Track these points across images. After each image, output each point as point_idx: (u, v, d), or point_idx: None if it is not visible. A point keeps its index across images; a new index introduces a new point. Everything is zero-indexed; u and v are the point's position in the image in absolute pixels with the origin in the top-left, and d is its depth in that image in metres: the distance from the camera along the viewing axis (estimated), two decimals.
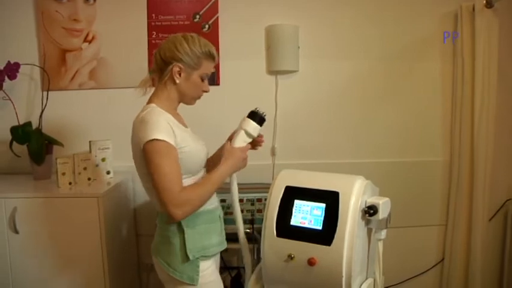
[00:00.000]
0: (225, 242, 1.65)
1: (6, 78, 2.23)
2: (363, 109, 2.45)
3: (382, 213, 1.48)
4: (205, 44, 1.51)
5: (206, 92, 1.58)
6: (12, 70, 2.23)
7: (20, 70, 2.24)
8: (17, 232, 1.93)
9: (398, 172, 2.44)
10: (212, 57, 1.53)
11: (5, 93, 2.25)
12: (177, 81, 1.49)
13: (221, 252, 1.67)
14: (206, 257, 1.53)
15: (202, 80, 1.54)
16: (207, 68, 1.53)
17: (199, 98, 1.60)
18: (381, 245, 1.70)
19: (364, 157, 2.44)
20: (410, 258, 2.52)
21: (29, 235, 1.93)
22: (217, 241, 1.59)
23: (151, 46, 2.38)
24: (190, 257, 1.48)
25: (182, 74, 1.50)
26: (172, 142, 1.40)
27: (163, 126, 1.41)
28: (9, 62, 2.23)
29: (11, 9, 2.35)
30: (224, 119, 2.38)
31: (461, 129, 2.38)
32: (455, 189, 2.42)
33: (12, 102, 2.23)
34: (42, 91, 2.25)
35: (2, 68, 2.23)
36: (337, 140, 2.46)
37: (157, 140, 1.37)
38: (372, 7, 2.40)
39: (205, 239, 1.54)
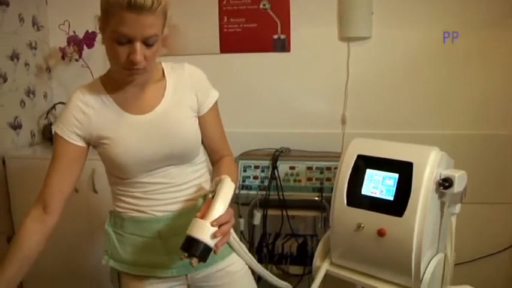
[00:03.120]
0: (173, 268, 1.23)
1: (84, 47, 2.33)
2: (439, 78, 2.33)
3: (457, 187, 1.42)
4: None
5: (134, 62, 1.04)
6: (90, 39, 2.32)
7: (97, 39, 2.33)
8: (95, 192, 2.05)
9: (475, 145, 2.31)
10: (123, 4, 0.97)
11: (84, 61, 2.37)
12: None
13: (288, 220, 1.63)
14: (128, 275, 1.25)
15: (119, 43, 1.03)
16: (119, 21, 0.99)
17: (129, 70, 1.08)
18: (454, 219, 1.64)
19: (439, 128, 2.33)
20: (484, 237, 2.41)
21: (106, 193, 2.05)
22: (148, 262, 1.23)
23: (222, 12, 2.37)
24: (103, 261, 1.28)
25: (102, 32, 1.09)
26: (67, 137, 1.16)
27: (66, 116, 1.16)
28: (87, 31, 2.33)
29: None
30: (294, 87, 2.38)
31: None
32: None
33: (90, 70, 2.33)
34: None
35: (81, 37, 2.33)
36: (410, 110, 2.36)
37: (55, 132, 1.18)
38: None
39: (126, 253, 1.24)
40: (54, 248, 2.13)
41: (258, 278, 1.42)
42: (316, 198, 1.97)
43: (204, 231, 1.02)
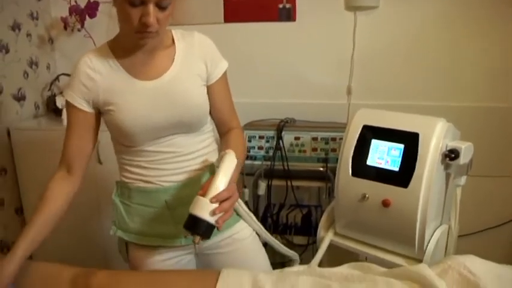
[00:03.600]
0: (181, 237, 1.24)
1: (86, 16, 2.29)
2: (447, 49, 2.28)
3: (463, 158, 1.41)
4: None
5: (146, 25, 1.03)
6: (92, 9, 2.28)
7: (99, 9, 2.29)
8: (100, 163, 2.06)
9: (481, 118, 2.29)
10: None
11: (86, 31, 2.33)
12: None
13: (293, 190, 1.64)
14: (136, 245, 1.27)
15: (132, 5, 1.02)
16: None
17: (140, 33, 1.06)
18: (459, 191, 1.64)
19: (445, 100, 2.30)
20: (487, 210, 2.41)
21: (111, 164, 2.06)
22: (156, 232, 1.23)
23: None
24: (111, 231, 1.30)
25: None
26: (77, 103, 1.16)
27: (74, 83, 1.16)
28: (89, 1, 2.28)
29: None
30: (299, 57, 2.35)
31: None
32: None
33: (93, 40, 2.30)
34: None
35: (82, 6, 2.29)
36: (416, 82, 2.33)
37: (66, 99, 1.19)
38: None
39: (134, 223, 1.26)
40: (62, 220, 2.18)
41: (264, 246, 1.43)
42: (321, 169, 1.97)
43: (204, 209, 1.01)
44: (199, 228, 1.01)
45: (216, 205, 1.01)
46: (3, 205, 2.14)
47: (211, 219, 1.01)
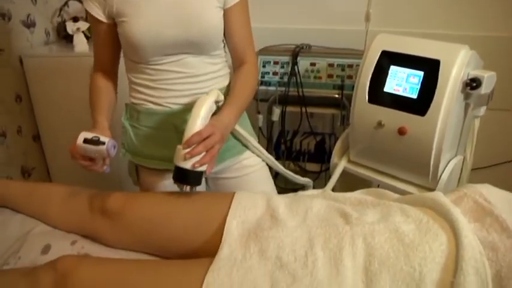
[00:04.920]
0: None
1: None
2: None
3: (485, 88, 1.37)
4: None
5: None
6: None
7: None
8: None
9: (505, 49, 2.20)
10: None
11: None
12: None
13: (307, 117, 1.62)
14: (146, 168, 1.28)
15: None
16: None
17: None
18: (477, 122, 1.61)
19: (468, 29, 2.20)
20: (503, 144, 2.39)
21: (120, 87, 2.06)
22: (165, 155, 1.16)
23: None
24: (120, 154, 1.29)
25: None
26: (95, 13, 1.16)
27: None
28: None
29: None
30: None
31: None
32: None
33: None
34: None
35: None
36: (438, 9, 2.21)
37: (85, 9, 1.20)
38: None
39: (143, 147, 1.26)
40: (75, 138, 2.20)
41: (276, 175, 1.44)
42: (337, 96, 1.94)
43: (178, 156, 1.01)
44: (184, 178, 1.02)
45: (187, 150, 1.00)
46: (21, 132, 2.17)
47: (186, 165, 1.00)
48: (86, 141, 1.01)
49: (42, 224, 1.16)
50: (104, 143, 1.01)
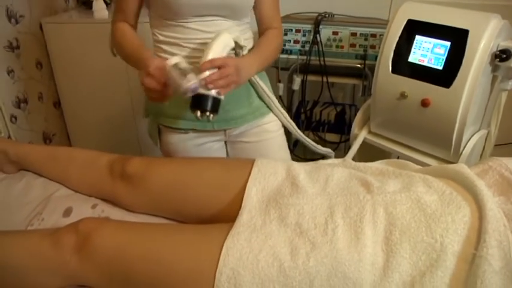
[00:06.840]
0: (213, 122, 1.26)
1: None
2: None
3: None
4: None
5: None
6: None
7: None
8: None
9: None
10: None
11: None
12: None
13: (328, 87, 1.60)
14: (169, 128, 1.29)
15: None
16: None
17: None
18: (504, 96, 1.57)
19: None
20: None
21: None
22: (189, 115, 1.18)
23: None
24: (144, 115, 1.34)
25: None
26: None
27: None
28: None
29: None
30: None
31: None
32: None
33: None
34: None
35: None
36: None
37: None
38: None
39: (168, 106, 1.22)
40: (95, 104, 2.22)
41: (295, 144, 1.43)
42: (359, 66, 1.90)
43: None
44: (200, 103, 1.04)
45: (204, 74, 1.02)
46: (42, 98, 2.20)
47: (201, 89, 1.02)
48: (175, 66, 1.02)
49: (63, 187, 1.18)
50: (193, 80, 1.00)
